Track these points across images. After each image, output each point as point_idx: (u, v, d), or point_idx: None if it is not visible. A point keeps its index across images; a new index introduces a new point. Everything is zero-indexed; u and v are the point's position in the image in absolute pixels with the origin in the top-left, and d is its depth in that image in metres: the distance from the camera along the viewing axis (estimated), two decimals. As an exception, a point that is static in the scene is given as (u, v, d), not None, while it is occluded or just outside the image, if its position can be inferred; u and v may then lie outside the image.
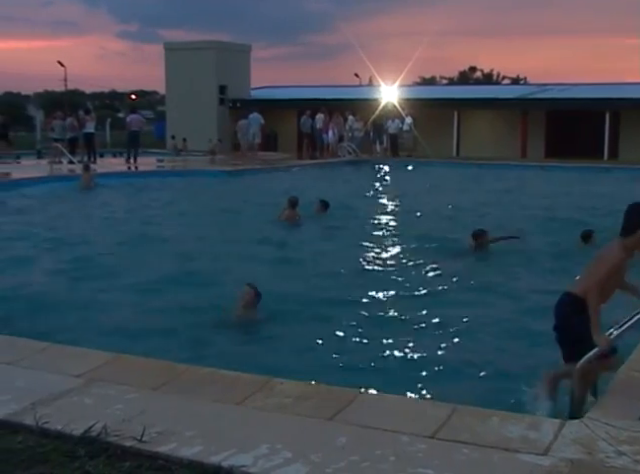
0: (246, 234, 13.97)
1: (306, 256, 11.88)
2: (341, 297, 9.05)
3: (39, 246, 12.81)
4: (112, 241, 13.14)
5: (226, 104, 41.46)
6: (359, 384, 4.99)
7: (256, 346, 7.29)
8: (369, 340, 7.32)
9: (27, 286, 9.65)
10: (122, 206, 18.70)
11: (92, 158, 29.91)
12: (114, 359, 5.12)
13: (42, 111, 57.64)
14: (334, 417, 4.15)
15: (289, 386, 4.63)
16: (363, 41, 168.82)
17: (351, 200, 19.24)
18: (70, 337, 6.53)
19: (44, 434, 3.92)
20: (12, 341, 5.68)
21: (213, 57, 40.15)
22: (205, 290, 9.40)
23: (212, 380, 4.73)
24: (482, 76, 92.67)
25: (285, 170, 28.92)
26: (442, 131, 36.73)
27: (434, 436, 3.93)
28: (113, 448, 3.76)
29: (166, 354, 5.76)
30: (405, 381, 6.05)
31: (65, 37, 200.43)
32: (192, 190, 22.24)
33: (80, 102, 68.46)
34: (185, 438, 3.87)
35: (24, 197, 19.50)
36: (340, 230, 14.69)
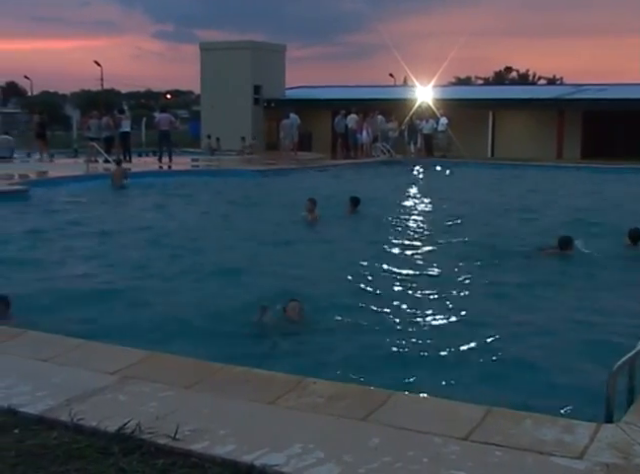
0: (278, 234, 13.98)
1: (340, 255, 11.88)
2: (375, 298, 9.03)
3: (74, 243, 12.93)
4: (145, 239, 13.23)
5: (261, 104, 41.56)
6: (393, 385, 4.98)
7: (290, 346, 7.29)
8: (402, 341, 7.30)
9: (62, 283, 9.75)
10: (154, 205, 18.79)
11: (127, 157, 30.15)
12: (148, 357, 5.15)
13: (78, 110, 58.24)
14: (367, 417, 4.14)
15: (322, 386, 4.62)
16: (398, 41, 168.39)
17: (384, 199, 19.20)
18: (105, 334, 6.58)
19: (79, 430, 3.95)
20: (48, 338, 5.73)
21: (248, 57, 40.26)
22: (240, 289, 9.43)
23: (245, 379, 4.74)
24: (518, 76, 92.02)
25: (319, 170, 28.90)
26: (477, 131, 36.54)
27: (467, 438, 3.90)
28: (147, 445, 3.78)
29: (200, 353, 5.77)
30: (439, 382, 6.03)
31: (102, 37, 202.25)
32: (225, 189, 22.29)
33: (116, 101, 68.98)
34: (218, 436, 3.88)
35: (60, 195, 19.70)
36: (372, 229, 14.67)
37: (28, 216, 16.08)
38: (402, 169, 30.43)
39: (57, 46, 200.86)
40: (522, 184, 24.78)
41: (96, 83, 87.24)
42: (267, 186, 23.57)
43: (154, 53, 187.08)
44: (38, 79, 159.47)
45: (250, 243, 13.02)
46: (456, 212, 16.97)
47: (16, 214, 16.13)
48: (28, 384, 4.58)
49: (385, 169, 30.36)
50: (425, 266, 11.15)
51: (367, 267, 10.80)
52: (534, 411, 4.36)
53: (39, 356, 5.11)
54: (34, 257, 11.59)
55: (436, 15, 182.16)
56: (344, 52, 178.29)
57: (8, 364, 5.01)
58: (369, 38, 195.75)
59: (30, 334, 5.76)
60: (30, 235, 13.65)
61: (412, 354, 6.94)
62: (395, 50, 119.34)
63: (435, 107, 35.56)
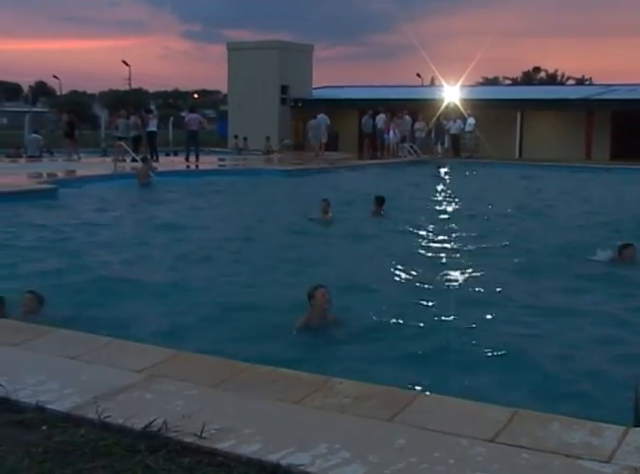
0: (305, 234, 13.99)
1: (364, 255, 11.87)
2: (399, 297, 9.03)
3: (100, 242, 13.02)
4: (171, 238, 13.29)
5: (288, 104, 41.62)
6: (419, 385, 4.98)
7: (317, 347, 7.29)
8: (428, 341, 7.29)
9: (90, 282, 9.81)
10: (180, 203, 18.87)
11: (154, 156, 30.30)
12: (175, 355, 5.17)
13: (107, 110, 58.53)
14: (393, 418, 4.13)
15: (348, 386, 4.62)
16: (425, 41, 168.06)
17: (410, 199, 19.18)
18: (132, 333, 6.62)
19: (106, 428, 3.97)
20: (76, 336, 5.77)
21: (275, 57, 40.35)
22: (264, 290, 9.45)
23: (271, 379, 4.74)
24: (546, 76, 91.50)
25: (345, 170, 28.91)
26: (504, 132, 36.38)
27: (494, 440, 3.88)
28: (173, 443, 3.79)
29: (226, 352, 5.79)
30: (465, 383, 6.01)
31: (130, 37, 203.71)
32: (252, 189, 22.35)
33: (144, 101, 69.37)
34: (244, 435, 3.89)
35: (88, 194, 19.86)
36: (396, 228, 14.66)
37: (57, 214, 16.20)
38: (429, 169, 30.36)
39: (86, 46, 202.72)
40: (550, 185, 24.67)
41: (124, 83, 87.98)
42: (293, 186, 23.61)
43: (182, 53, 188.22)
44: (67, 79, 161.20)
45: (271, 245, 13.06)
46: (483, 213, 16.90)
47: (45, 212, 16.26)
48: (56, 381, 4.61)
49: (412, 169, 30.32)
50: (450, 266, 11.14)
51: (391, 267, 10.78)
52: (561, 414, 4.33)
53: (67, 354, 5.14)
54: (63, 254, 11.68)
55: (464, 15, 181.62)
56: (371, 52, 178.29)
57: (37, 361, 5.04)
58: (396, 38, 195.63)
59: (59, 332, 5.80)
60: (58, 233, 13.77)
61: (438, 355, 6.92)
62: (422, 50, 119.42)
63: (462, 107, 35.45)
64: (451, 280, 10.21)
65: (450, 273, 10.64)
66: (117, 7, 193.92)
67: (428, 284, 9.92)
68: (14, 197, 17.51)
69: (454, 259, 11.75)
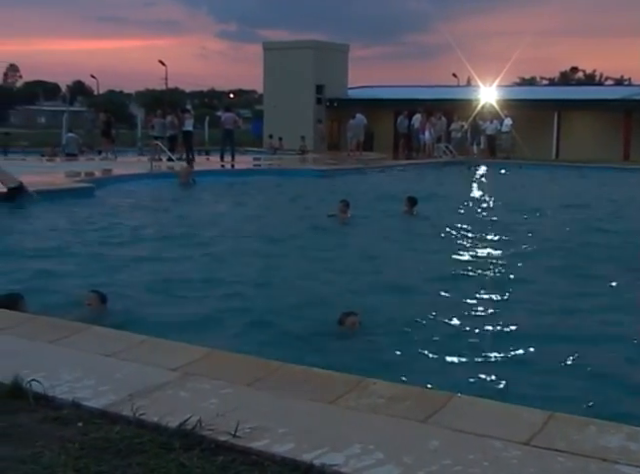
0: (333, 233, 13.96)
1: (395, 257, 11.83)
2: (432, 299, 8.99)
3: (137, 240, 13.11)
4: (212, 238, 13.36)
5: (323, 104, 41.64)
6: (453, 387, 4.94)
7: (351, 347, 7.27)
8: (463, 343, 7.25)
9: (128, 280, 9.89)
10: (216, 203, 18.96)
11: (190, 156, 30.49)
12: (209, 354, 5.18)
13: (143, 109, 58.99)
14: (427, 420, 4.11)
15: (382, 387, 4.60)
16: (462, 41, 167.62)
17: (444, 199, 19.09)
18: (168, 331, 6.65)
19: (141, 425, 3.99)
20: (111, 333, 5.81)
21: (311, 56, 40.40)
22: (296, 292, 9.46)
23: (305, 378, 4.74)
24: (584, 77, 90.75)
25: (380, 170, 28.87)
26: (541, 133, 36.12)
27: (529, 443, 3.84)
28: (207, 442, 3.80)
29: (261, 351, 5.80)
30: (500, 385, 5.97)
31: (166, 37, 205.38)
32: (286, 189, 22.39)
33: (180, 100, 69.83)
34: (278, 435, 3.89)
35: (125, 192, 20.02)
36: (429, 229, 14.64)
37: (94, 213, 16.34)
38: (464, 170, 30.22)
39: (123, 46, 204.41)
40: (587, 186, 24.44)
41: (161, 82, 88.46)
42: (327, 186, 23.61)
43: (218, 52, 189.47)
44: (104, 78, 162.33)
45: (304, 244, 13.08)
46: (518, 213, 16.76)
47: (82, 211, 16.40)
48: (92, 378, 4.65)
49: (447, 170, 30.21)
50: (483, 266, 11.06)
51: (421, 267, 10.77)
52: (598, 417, 4.29)
53: (103, 351, 5.18)
54: (102, 253, 11.79)
55: (501, 15, 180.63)
56: (407, 52, 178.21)
57: (73, 358, 5.09)
58: (433, 38, 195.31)
59: (95, 329, 5.84)
60: (97, 231, 13.88)
61: (473, 356, 6.88)
62: (459, 50, 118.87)
63: (499, 108, 35.24)
64: (483, 280, 10.14)
65: (482, 273, 10.58)
66: (154, 7, 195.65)
67: (461, 284, 9.88)
68: (52, 195, 17.69)
69: (487, 260, 11.67)
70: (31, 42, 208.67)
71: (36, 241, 12.69)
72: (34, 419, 4.12)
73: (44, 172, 23.14)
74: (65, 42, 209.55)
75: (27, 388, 4.38)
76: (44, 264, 10.74)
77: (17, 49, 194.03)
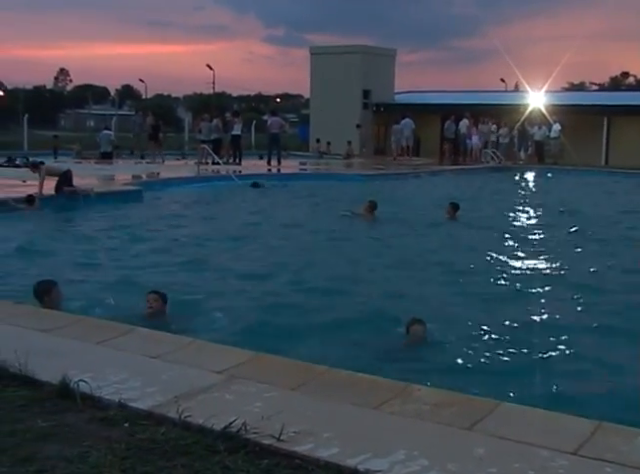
0: (390, 240, 13.91)
1: (435, 260, 11.78)
2: (475, 303, 8.93)
3: (186, 243, 13.19)
4: (264, 241, 13.41)
5: (370, 108, 41.60)
6: (500, 395, 4.90)
7: (398, 354, 7.24)
8: (510, 349, 7.18)
9: (175, 283, 9.95)
10: (261, 207, 19.02)
11: (238, 159, 30.65)
12: (254, 357, 5.20)
13: (190, 113, 59.44)
14: (473, 427, 4.08)
15: (427, 393, 4.58)
16: (510, 45, 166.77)
17: (490, 205, 18.95)
18: (213, 334, 6.69)
19: (186, 427, 4.01)
20: (158, 335, 5.86)
21: (358, 61, 40.37)
22: (346, 294, 9.44)
23: (350, 383, 4.74)
24: (635, 82, 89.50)
25: (427, 175, 28.74)
26: (590, 138, 35.64)
27: (576, 452, 3.80)
28: (252, 445, 3.81)
29: (306, 355, 5.79)
30: (548, 394, 5.90)
31: (214, 41, 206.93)
32: (332, 193, 22.37)
33: (227, 104, 70.25)
34: (322, 439, 3.89)
35: (173, 196, 20.21)
36: (473, 234, 14.56)
37: (142, 215, 16.51)
38: (511, 176, 29.99)
39: (171, 50, 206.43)
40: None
41: (208, 86, 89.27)
42: (373, 191, 23.56)
43: (265, 57, 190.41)
44: (152, 82, 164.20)
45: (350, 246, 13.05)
46: (565, 222, 16.49)
47: (130, 214, 16.58)
48: (138, 379, 4.69)
49: (494, 175, 29.98)
50: (524, 274, 10.94)
51: (464, 273, 10.70)
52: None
53: (149, 352, 5.23)
54: (152, 255, 11.90)
55: (549, 19, 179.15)
56: (454, 57, 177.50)
57: (120, 359, 5.14)
58: (480, 43, 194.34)
59: (141, 331, 5.90)
60: (146, 234, 14.01)
61: (520, 364, 6.82)
62: (506, 55, 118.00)
63: (547, 113, 34.88)
64: (526, 287, 10.02)
65: (524, 281, 10.46)
66: (202, 12, 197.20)
67: (504, 291, 9.80)
68: (101, 198, 17.91)
69: (530, 267, 11.50)
70: (81, 46, 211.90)
71: (86, 243, 12.85)
72: (81, 419, 4.17)
73: (92, 175, 23.41)
74: (114, 46, 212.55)
75: (75, 388, 4.44)
76: (91, 266, 10.90)
77: (67, 53, 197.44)
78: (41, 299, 7.35)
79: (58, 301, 7.44)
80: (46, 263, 10.91)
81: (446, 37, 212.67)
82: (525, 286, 10.06)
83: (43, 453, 3.73)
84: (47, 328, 5.83)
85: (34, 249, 11.95)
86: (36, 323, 5.97)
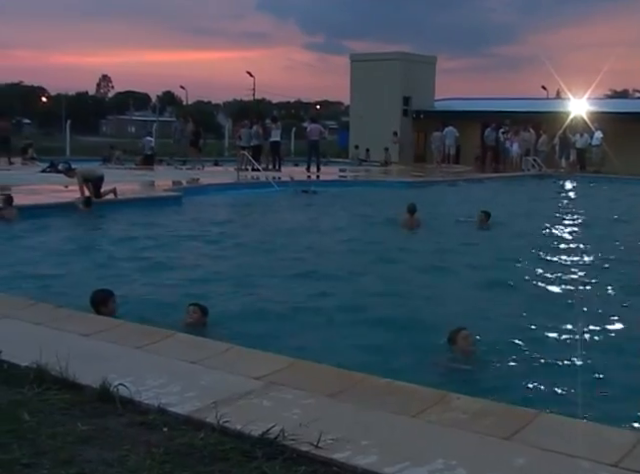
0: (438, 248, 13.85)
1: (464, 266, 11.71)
2: (509, 309, 8.86)
3: (226, 249, 13.25)
4: (298, 247, 13.42)
5: (409, 115, 41.51)
6: (540, 404, 4.85)
7: (438, 362, 7.19)
8: (550, 359, 7.12)
9: (213, 289, 10.00)
10: (307, 214, 19.05)
11: (277, 166, 30.74)
12: (293, 364, 5.20)
13: (230, 119, 59.72)
14: (512, 437, 4.03)
15: (466, 402, 4.55)
16: (551, 53, 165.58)
17: (529, 214, 18.78)
18: (252, 340, 6.70)
19: (224, 433, 4.02)
20: (196, 341, 5.89)
21: (398, 68, 40.34)
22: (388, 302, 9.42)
23: (388, 391, 4.72)
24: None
25: (466, 182, 28.58)
26: (633, 146, 35.17)
27: (617, 465, 3.74)
28: (289, 451, 3.81)
29: (344, 362, 5.77)
30: (589, 405, 5.82)
31: (254, 48, 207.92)
32: (374, 200, 22.34)
33: (266, 111, 70.50)
34: (360, 447, 3.87)
35: (212, 201, 20.34)
36: (507, 242, 14.46)
37: (181, 221, 16.63)
38: (552, 184, 29.69)
39: (212, 57, 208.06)
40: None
41: (248, 93, 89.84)
42: (413, 198, 23.46)
43: (305, 64, 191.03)
44: (193, 89, 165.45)
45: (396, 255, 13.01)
46: (609, 234, 16.22)
47: (169, 219, 16.69)
48: (177, 384, 4.72)
49: (534, 183, 29.74)
50: (562, 283, 10.82)
51: (502, 282, 10.64)
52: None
53: (188, 358, 5.25)
54: (193, 261, 11.98)
55: (592, 26, 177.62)
56: (495, 64, 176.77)
57: (159, 364, 5.17)
58: (521, 50, 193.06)
59: (180, 336, 5.93)
60: (186, 240, 14.10)
61: (560, 373, 6.75)
62: (548, 62, 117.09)
63: (589, 120, 34.51)
64: (569, 298, 9.92)
65: (567, 290, 10.37)
66: (243, 19, 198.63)
67: (548, 301, 9.71)
68: (142, 203, 18.10)
69: (571, 277, 11.34)
70: (123, 53, 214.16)
71: (125, 249, 12.96)
72: (121, 423, 4.20)
73: (134, 180, 23.66)
74: (155, 53, 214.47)
75: (115, 392, 4.47)
76: (135, 271, 11.02)
77: (109, 60, 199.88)
78: (97, 309, 7.39)
79: (113, 312, 7.47)
80: (93, 264, 11.26)
81: (486, 44, 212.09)
82: (568, 297, 9.96)
83: (83, 456, 3.76)
84: (87, 332, 5.88)
85: (89, 249, 12.51)
86: (77, 327, 6.03)
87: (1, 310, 6.54)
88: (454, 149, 35.47)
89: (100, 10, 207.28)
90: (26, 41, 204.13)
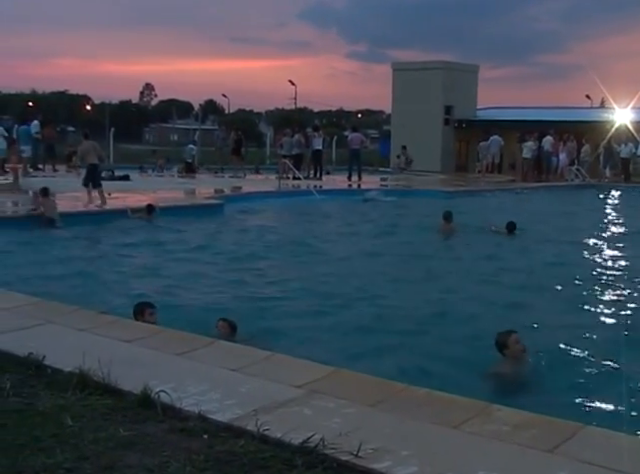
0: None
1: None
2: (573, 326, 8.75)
3: (268, 256, 13.31)
4: (337, 256, 13.42)
5: (451, 124, 41.35)
6: (584, 417, 4.79)
7: (471, 370, 7.15)
8: (598, 371, 7.03)
9: (256, 297, 10.04)
10: (349, 222, 19.05)
11: (318, 174, 30.79)
12: (334, 373, 5.19)
13: (272, 128, 60.04)
14: (554, 450, 3.98)
15: (508, 414, 4.50)
16: (596, 61, 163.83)
17: (569, 224, 18.64)
18: (292, 348, 6.70)
19: (264, 441, 4.02)
20: (237, 348, 5.90)
21: (440, 77, 40.21)
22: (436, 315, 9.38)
23: (429, 401, 4.69)
24: None
25: (507, 192, 28.39)
26: (680, 156, 34.70)
27: (663, 480, 3.68)
28: (329, 461, 3.80)
29: (385, 372, 5.76)
30: (635, 419, 5.74)
31: (296, 57, 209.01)
32: (415, 208, 22.29)
33: (308, 120, 70.70)
34: (400, 457, 3.85)
35: (254, 209, 20.45)
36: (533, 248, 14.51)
37: (222, 228, 16.72)
38: (595, 194, 29.33)
39: (254, 66, 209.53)
40: None
41: (290, 102, 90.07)
42: (453, 207, 23.35)
43: (347, 73, 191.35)
44: (235, 97, 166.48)
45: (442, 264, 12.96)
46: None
47: (210, 227, 16.79)
48: (218, 392, 4.73)
49: (577, 193, 29.42)
50: (613, 295, 10.69)
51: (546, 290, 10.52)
52: None
53: (229, 365, 5.26)
54: (228, 268, 12.04)
55: (637, 34, 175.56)
56: (538, 73, 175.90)
57: (200, 371, 5.19)
58: (565, 58, 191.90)
59: (221, 343, 5.95)
60: (223, 246, 14.18)
61: (605, 385, 6.66)
62: (592, 71, 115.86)
63: (634, 130, 34.06)
64: (617, 309, 9.80)
65: (603, 302, 10.26)
66: (285, 28, 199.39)
67: (593, 313, 9.60)
68: (185, 211, 18.26)
69: (611, 288, 11.19)
70: (166, 62, 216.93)
71: (165, 256, 13.08)
72: (161, 429, 4.22)
73: (177, 188, 23.87)
74: (198, 62, 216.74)
75: (155, 399, 4.50)
76: (182, 278, 11.15)
77: (153, 68, 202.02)
78: (136, 318, 7.50)
79: (152, 322, 7.53)
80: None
81: (530, 53, 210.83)
82: (611, 308, 9.86)
83: (124, 461, 3.78)
84: (129, 338, 5.92)
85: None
86: (119, 333, 6.07)
87: (45, 315, 6.61)
88: (498, 157, 35.24)
89: (144, 19, 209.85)
90: (72, 50, 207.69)
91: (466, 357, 7.45)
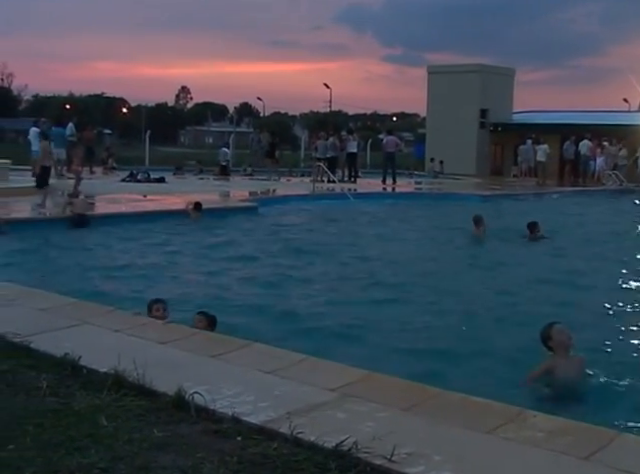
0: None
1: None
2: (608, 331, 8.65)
3: (302, 259, 13.31)
4: (381, 261, 13.41)
5: (487, 128, 41.15)
6: (621, 424, 4.74)
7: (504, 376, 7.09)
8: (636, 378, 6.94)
9: (290, 299, 10.06)
10: (383, 225, 19.02)
11: (353, 177, 30.78)
12: (367, 376, 5.18)
13: (307, 131, 60.18)
14: (590, 457, 3.94)
15: (543, 420, 4.46)
16: (634, 64, 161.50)
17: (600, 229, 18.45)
18: (325, 351, 6.69)
19: (297, 444, 4.02)
20: (272, 351, 5.90)
21: (476, 80, 40.06)
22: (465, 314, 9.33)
23: (463, 406, 4.66)
24: None
25: (544, 196, 28.17)
26: None
27: (701, 490, 3.63)
28: (363, 464, 3.79)
29: (417, 376, 5.73)
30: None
31: (332, 60, 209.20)
32: (450, 212, 22.18)
33: (343, 123, 70.75)
34: (433, 462, 3.83)
35: (289, 212, 20.49)
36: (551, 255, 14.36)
37: (256, 229, 16.77)
38: (633, 199, 28.98)
39: (289, 69, 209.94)
40: None
41: (324, 105, 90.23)
42: (489, 211, 23.21)
43: (382, 76, 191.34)
44: (270, 100, 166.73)
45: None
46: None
47: (246, 229, 16.84)
48: (252, 394, 4.73)
49: (614, 198, 29.06)
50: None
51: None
52: None
53: (263, 368, 5.27)
54: (262, 269, 12.07)
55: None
56: (575, 76, 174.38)
57: (234, 373, 5.20)
58: (602, 61, 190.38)
59: (256, 346, 5.95)
60: (256, 247, 14.22)
61: None
62: (630, 74, 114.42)
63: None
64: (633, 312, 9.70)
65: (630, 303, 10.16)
66: (321, 31, 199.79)
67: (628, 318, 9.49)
68: (220, 213, 18.37)
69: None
70: (201, 65, 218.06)
71: (200, 258, 13.15)
72: (195, 431, 4.24)
73: (212, 191, 24.01)
74: (233, 65, 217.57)
75: (190, 400, 4.51)
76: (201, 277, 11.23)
77: (188, 71, 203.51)
78: (149, 315, 7.58)
79: (162, 318, 7.58)
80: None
81: (567, 56, 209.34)
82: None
83: (158, 462, 3.80)
84: (164, 340, 5.96)
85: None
86: (154, 335, 6.11)
87: (81, 316, 6.67)
88: (533, 162, 35.00)
89: (180, 23, 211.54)
90: (108, 54, 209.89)
91: (508, 360, 7.39)
